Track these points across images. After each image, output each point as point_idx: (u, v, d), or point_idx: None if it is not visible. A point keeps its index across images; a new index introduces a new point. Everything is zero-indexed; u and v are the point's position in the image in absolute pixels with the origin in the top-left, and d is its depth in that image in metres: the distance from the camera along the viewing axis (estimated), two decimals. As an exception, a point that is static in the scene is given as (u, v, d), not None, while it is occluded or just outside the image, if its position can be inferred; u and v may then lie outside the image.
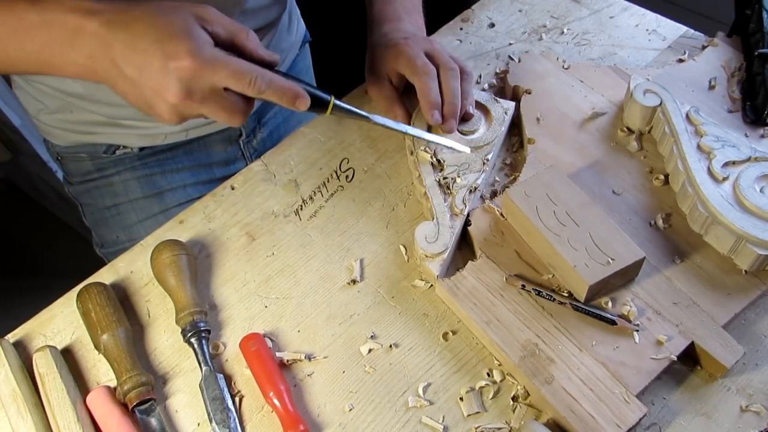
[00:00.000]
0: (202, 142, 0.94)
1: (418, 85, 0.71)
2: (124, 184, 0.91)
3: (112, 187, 0.91)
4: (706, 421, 0.57)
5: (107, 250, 0.94)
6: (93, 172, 0.92)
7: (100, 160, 0.91)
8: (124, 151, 0.90)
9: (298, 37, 1.03)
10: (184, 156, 0.94)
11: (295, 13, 1.03)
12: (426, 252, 0.65)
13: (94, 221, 0.94)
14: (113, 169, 0.91)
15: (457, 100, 0.70)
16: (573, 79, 0.81)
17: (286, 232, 0.71)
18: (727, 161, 0.66)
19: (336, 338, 0.63)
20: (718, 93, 0.78)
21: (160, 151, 0.92)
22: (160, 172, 0.92)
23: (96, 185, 0.92)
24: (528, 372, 0.58)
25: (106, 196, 0.92)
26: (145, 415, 0.58)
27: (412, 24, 0.79)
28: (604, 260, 0.60)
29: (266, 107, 1.00)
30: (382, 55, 0.75)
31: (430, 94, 0.70)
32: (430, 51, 0.73)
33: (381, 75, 0.75)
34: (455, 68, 0.71)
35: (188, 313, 0.62)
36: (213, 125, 0.93)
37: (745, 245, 0.61)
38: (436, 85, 0.70)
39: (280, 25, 0.93)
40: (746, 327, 0.62)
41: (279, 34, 0.94)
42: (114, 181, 0.91)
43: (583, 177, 0.71)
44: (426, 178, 0.70)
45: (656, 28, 0.89)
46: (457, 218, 0.67)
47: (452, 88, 0.70)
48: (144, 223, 0.91)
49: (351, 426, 0.58)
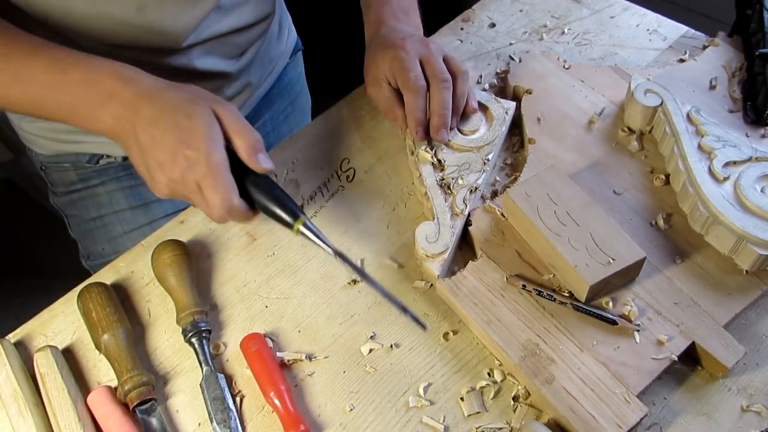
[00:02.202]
0: None
1: (406, 100, 0.72)
2: (109, 195, 0.90)
3: (97, 198, 0.90)
4: (707, 421, 0.57)
5: (93, 262, 0.93)
6: (77, 183, 0.90)
7: (84, 170, 0.90)
8: (108, 160, 0.89)
9: (288, 45, 1.02)
10: None
11: (286, 21, 1.02)
12: (427, 252, 0.65)
13: (80, 233, 0.93)
14: (98, 180, 0.90)
15: (447, 111, 0.71)
16: (574, 79, 0.81)
17: (286, 232, 0.70)
18: (728, 161, 0.66)
19: (336, 338, 0.63)
20: (719, 93, 0.78)
21: None
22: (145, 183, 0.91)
23: (81, 196, 0.91)
24: (529, 372, 0.57)
25: (91, 208, 0.91)
26: (145, 415, 0.58)
27: (409, 24, 0.80)
28: (604, 260, 0.60)
29: (254, 115, 0.99)
30: (379, 56, 0.75)
31: (417, 112, 0.71)
32: (424, 57, 0.73)
33: (379, 76, 0.75)
34: (447, 79, 0.72)
35: (189, 313, 0.62)
36: None
37: (746, 245, 0.61)
38: (423, 102, 0.72)
39: (270, 33, 0.93)
40: (747, 327, 0.62)
41: (269, 43, 0.94)
42: (99, 192, 0.90)
43: (584, 177, 0.71)
44: (427, 179, 0.70)
45: (657, 28, 0.89)
46: (458, 218, 0.67)
47: (442, 100, 0.71)
48: (130, 234, 0.90)
49: (352, 426, 0.58)
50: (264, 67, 0.95)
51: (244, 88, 0.92)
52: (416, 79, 0.71)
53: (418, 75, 0.71)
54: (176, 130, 0.57)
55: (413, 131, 0.72)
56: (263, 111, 1.01)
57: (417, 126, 0.71)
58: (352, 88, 0.84)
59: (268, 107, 1.02)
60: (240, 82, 0.90)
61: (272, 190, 0.61)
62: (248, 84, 0.92)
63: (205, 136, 0.57)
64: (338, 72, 0.84)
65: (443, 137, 0.71)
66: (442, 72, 0.72)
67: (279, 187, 0.62)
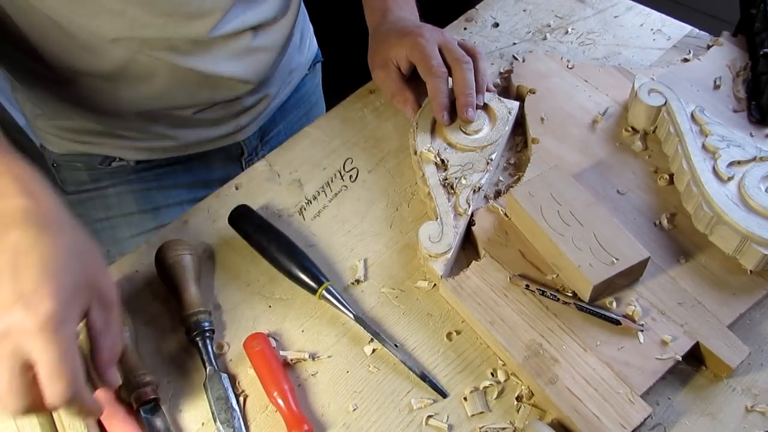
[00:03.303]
0: (202, 159, 0.93)
1: (430, 86, 0.74)
2: (119, 197, 0.90)
3: (106, 200, 0.90)
4: (711, 422, 0.56)
5: None
6: (87, 183, 0.90)
7: (96, 171, 0.89)
8: (120, 163, 0.89)
9: (309, 56, 1.02)
10: (183, 172, 0.92)
11: (307, 32, 1.02)
12: (430, 252, 0.64)
13: None
14: (108, 181, 0.90)
15: (472, 90, 0.73)
16: (577, 78, 0.80)
17: (289, 231, 0.71)
18: (732, 161, 0.66)
19: (340, 338, 0.63)
20: (723, 92, 0.78)
21: (157, 166, 0.91)
22: (156, 187, 0.91)
23: (90, 196, 0.91)
24: (532, 372, 0.57)
25: (99, 209, 0.90)
26: (149, 415, 0.58)
27: (412, 13, 0.82)
28: (608, 260, 0.60)
29: (269, 125, 0.99)
30: (393, 41, 0.76)
31: (441, 96, 0.73)
32: (442, 44, 0.75)
33: (388, 60, 0.76)
34: (468, 61, 0.74)
35: (192, 312, 0.62)
36: (214, 142, 0.91)
37: (750, 245, 0.61)
38: (447, 87, 0.74)
39: (291, 44, 0.93)
40: (751, 327, 0.61)
41: (290, 54, 0.93)
42: (108, 194, 0.90)
43: (588, 177, 0.71)
44: (430, 178, 0.70)
45: (661, 28, 0.89)
46: (461, 218, 0.67)
47: (467, 80, 0.73)
48: (136, 238, 0.90)
49: (355, 426, 0.58)
50: (283, 79, 0.95)
51: (262, 98, 0.91)
52: (439, 65, 0.73)
53: (440, 62, 0.74)
54: (31, 275, 0.45)
55: (438, 115, 0.73)
56: (278, 121, 1.01)
57: (442, 110, 0.73)
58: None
59: (282, 117, 1.02)
60: (260, 93, 0.90)
61: (299, 256, 0.66)
62: (266, 95, 0.92)
63: (60, 301, 0.44)
64: (354, 82, 0.85)
65: (471, 116, 0.73)
66: (462, 55, 0.74)
67: (303, 252, 0.66)
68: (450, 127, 0.74)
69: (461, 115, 0.73)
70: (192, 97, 0.83)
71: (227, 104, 0.87)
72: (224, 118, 0.89)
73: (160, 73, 0.77)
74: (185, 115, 0.85)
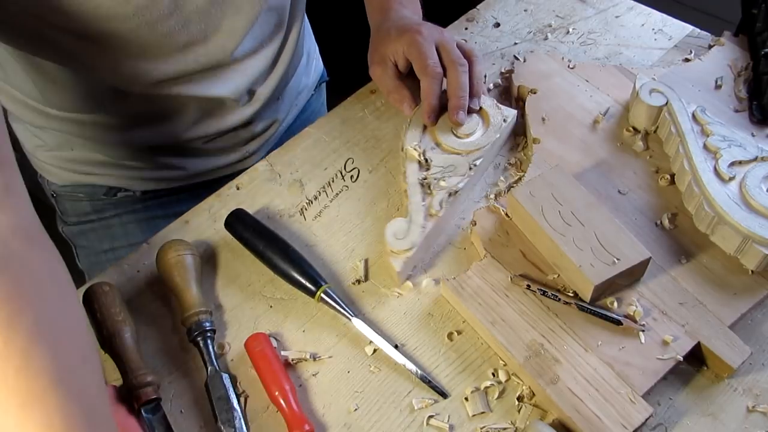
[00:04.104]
0: (208, 187, 0.92)
1: (423, 85, 0.73)
2: (124, 227, 0.88)
3: (110, 230, 0.88)
4: (713, 422, 0.56)
5: None
6: (90, 213, 0.88)
7: (99, 202, 0.88)
8: (125, 193, 0.87)
9: (315, 77, 1.02)
10: (190, 199, 0.91)
11: (314, 53, 1.01)
12: (392, 248, 0.65)
13: (89, 264, 0.90)
14: (113, 211, 0.88)
15: (465, 93, 0.72)
16: (578, 78, 0.80)
17: (290, 231, 0.71)
18: (734, 161, 0.66)
19: (341, 338, 0.63)
20: (725, 92, 0.77)
21: (164, 194, 0.89)
22: (163, 216, 0.88)
23: (93, 227, 0.88)
24: (533, 372, 0.57)
25: (104, 239, 0.88)
26: (150, 415, 0.58)
27: (414, 12, 0.82)
28: (609, 260, 0.60)
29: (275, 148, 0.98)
30: (393, 37, 0.76)
31: (432, 98, 0.72)
32: (440, 43, 0.74)
33: (385, 57, 0.76)
34: (464, 64, 0.73)
35: (193, 312, 0.62)
36: (222, 170, 0.91)
37: (752, 245, 0.61)
38: (439, 88, 0.73)
39: (299, 68, 0.92)
40: (753, 327, 0.61)
41: (297, 76, 0.93)
42: (113, 224, 0.88)
43: (589, 177, 0.71)
44: (409, 176, 0.70)
45: (662, 28, 0.89)
46: (431, 219, 0.67)
47: (461, 83, 0.72)
48: None
49: (356, 426, 0.58)
50: (291, 102, 0.95)
51: (272, 124, 0.91)
52: (434, 65, 0.72)
53: (436, 61, 0.73)
54: None
55: (425, 116, 0.73)
56: (282, 141, 1.01)
57: (429, 112, 0.72)
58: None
59: (287, 137, 1.01)
60: (269, 119, 0.90)
61: (296, 259, 0.65)
62: (275, 120, 0.91)
63: None
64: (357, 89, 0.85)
65: (461, 119, 0.72)
66: (459, 57, 0.73)
67: (301, 255, 0.66)
68: (442, 128, 0.73)
69: (451, 117, 0.72)
70: (204, 127, 0.82)
71: (237, 131, 0.86)
72: (234, 145, 0.88)
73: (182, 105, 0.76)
74: (195, 145, 0.85)
